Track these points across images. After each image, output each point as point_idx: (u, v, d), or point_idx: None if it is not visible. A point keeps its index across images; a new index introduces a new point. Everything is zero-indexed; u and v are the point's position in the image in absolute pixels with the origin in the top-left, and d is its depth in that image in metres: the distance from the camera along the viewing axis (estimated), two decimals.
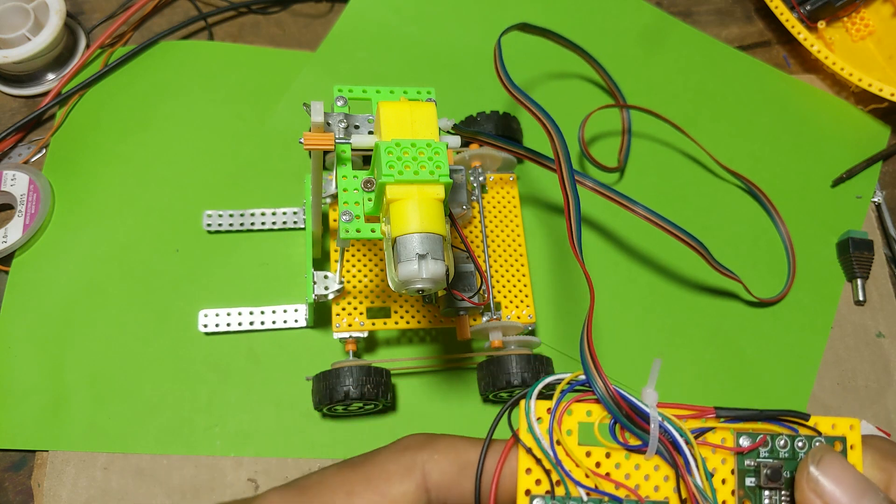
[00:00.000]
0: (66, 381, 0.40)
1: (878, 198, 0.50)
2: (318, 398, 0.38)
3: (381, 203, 0.30)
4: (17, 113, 0.48)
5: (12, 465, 0.39)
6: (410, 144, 0.29)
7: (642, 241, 0.47)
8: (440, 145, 0.29)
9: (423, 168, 0.29)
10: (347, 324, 0.39)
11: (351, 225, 0.30)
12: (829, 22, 0.54)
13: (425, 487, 0.24)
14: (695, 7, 0.57)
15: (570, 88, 0.53)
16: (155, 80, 0.50)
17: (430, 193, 0.29)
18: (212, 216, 0.45)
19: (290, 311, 0.43)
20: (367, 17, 0.53)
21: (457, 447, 0.24)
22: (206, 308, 0.42)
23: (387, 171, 0.28)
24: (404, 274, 0.28)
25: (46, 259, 0.44)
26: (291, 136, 0.48)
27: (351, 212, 0.30)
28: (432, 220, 0.29)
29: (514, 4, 0.55)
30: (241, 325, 0.42)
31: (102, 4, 0.53)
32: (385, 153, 0.29)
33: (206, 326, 0.42)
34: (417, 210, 0.28)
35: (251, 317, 0.42)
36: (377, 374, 0.38)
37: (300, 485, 0.24)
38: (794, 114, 0.53)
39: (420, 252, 0.28)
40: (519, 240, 0.43)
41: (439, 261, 0.28)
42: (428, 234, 0.28)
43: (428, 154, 0.29)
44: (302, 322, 0.42)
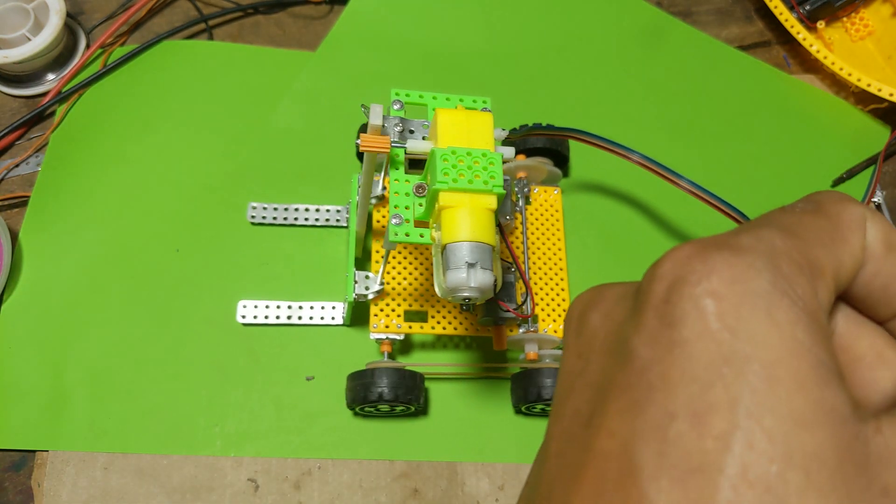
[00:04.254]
0: (66, 381, 0.40)
1: (878, 198, 0.50)
2: (351, 397, 0.38)
3: (433, 209, 0.30)
4: (17, 113, 0.48)
5: (12, 465, 0.39)
6: (466, 153, 0.29)
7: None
8: (495, 156, 0.30)
9: (477, 177, 0.29)
10: (385, 325, 0.39)
11: (400, 228, 0.30)
12: (828, 22, 0.54)
13: (861, 254, 0.19)
14: (695, 7, 0.57)
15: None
16: (155, 80, 0.50)
17: (482, 203, 0.29)
18: (256, 208, 0.45)
19: (327, 308, 0.43)
20: (367, 17, 0.53)
21: None
22: (245, 299, 0.43)
23: (441, 178, 0.29)
24: (452, 281, 0.28)
25: (46, 259, 0.44)
26: (291, 135, 0.48)
27: (401, 215, 0.30)
28: (483, 229, 0.29)
29: (514, 4, 0.55)
30: (279, 319, 0.42)
31: (102, 4, 0.53)
32: (441, 160, 0.29)
33: (244, 317, 0.42)
34: (469, 219, 0.29)
35: (289, 311, 0.42)
36: (411, 377, 0.38)
37: (727, 242, 0.17)
38: (794, 114, 0.53)
39: (469, 261, 0.28)
40: (560, 254, 0.43)
41: (488, 270, 0.28)
42: (478, 243, 0.28)
43: (483, 164, 0.29)
44: (339, 320, 0.42)
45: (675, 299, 0.16)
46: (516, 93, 0.52)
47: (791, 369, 0.15)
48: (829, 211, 0.18)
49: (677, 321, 0.16)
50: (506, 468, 0.40)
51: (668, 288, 0.16)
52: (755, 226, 0.17)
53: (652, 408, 0.15)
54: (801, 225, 0.18)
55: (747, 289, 0.16)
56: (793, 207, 0.19)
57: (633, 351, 0.16)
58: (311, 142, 0.48)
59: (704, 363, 0.15)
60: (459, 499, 0.39)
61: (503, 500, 0.39)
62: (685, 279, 0.16)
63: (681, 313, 0.16)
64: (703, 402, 0.15)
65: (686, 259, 0.16)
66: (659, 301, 0.16)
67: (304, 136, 0.49)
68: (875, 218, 0.19)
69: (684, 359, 0.16)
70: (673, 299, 0.16)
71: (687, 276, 0.16)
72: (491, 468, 0.40)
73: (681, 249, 0.17)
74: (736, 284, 0.16)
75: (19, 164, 0.46)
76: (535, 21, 0.55)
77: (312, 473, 0.39)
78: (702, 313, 0.16)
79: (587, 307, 0.20)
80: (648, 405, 0.16)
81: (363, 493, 0.39)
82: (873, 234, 0.19)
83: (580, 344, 0.19)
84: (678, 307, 0.16)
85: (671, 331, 0.16)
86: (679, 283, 0.16)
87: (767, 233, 0.17)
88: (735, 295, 0.16)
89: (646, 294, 0.17)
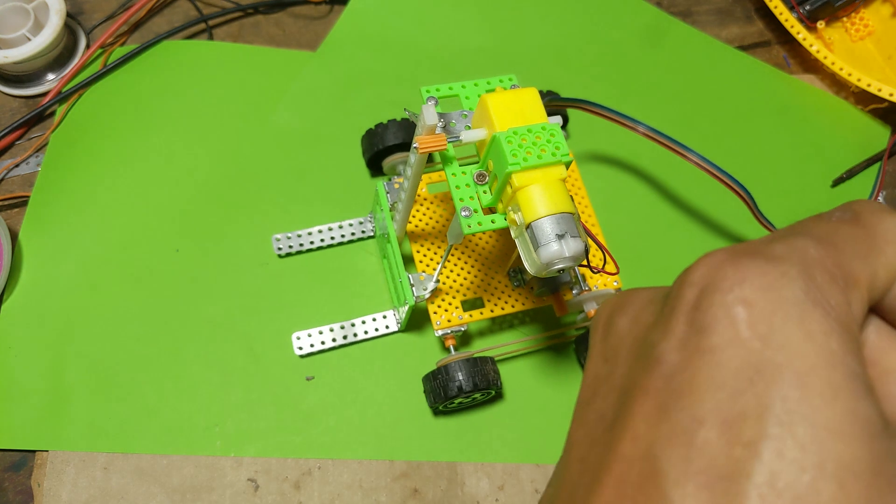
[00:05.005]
0: (66, 381, 0.40)
1: (879, 198, 0.50)
2: (432, 398, 0.39)
3: (505, 193, 0.30)
4: (16, 113, 0.48)
5: (12, 465, 0.39)
6: (527, 130, 0.30)
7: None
8: (554, 126, 0.30)
9: (543, 151, 0.29)
10: (447, 319, 0.40)
11: (472, 220, 0.31)
12: (828, 22, 0.54)
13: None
14: (695, 7, 0.57)
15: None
16: (155, 80, 0.50)
17: (553, 175, 0.29)
18: (280, 239, 0.44)
19: (378, 319, 0.43)
20: (367, 18, 0.53)
21: None
22: (300, 332, 0.42)
23: (512, 160, 0.29)
24: (547, 256, 0.29)
25: (46, 259, 0.44)
26: (292, 135, 0.48)
27: (469, 207, 0.31)
28: (562, 199, 0.29)
29: (514, 4, 0.55)
30: (336, 342, 0.42)
31: (102, 4, 0.53)
32: (506, 143, 0.29)
33: (300, 349, 0.41)
34: (546, 193, 0.29)
35: (342, 331, 0.42)
36: (483, 363, 0.38)
37: (760, 250, 0.17)
38: (794, 114, 0.53)
39: (558, 232, 0.29)
40: (589, 210, 0.43)
41: (577, 238, 0.29)
42: (561, 214, 0.29)
43: (545, 137, 0.30)
44: (393, 327, 0.42)
45: (706, 305, 0.16)
46: None
47: (825, 379, 0.15)
48: (866, 221, 0.18)
49: (707, 327, 0.16)
50: (506, 468, 0.40)
51: (699, 294, 0.16)
52: (789, 234, 0.17)
53: (679, 413, 0.15)
54: (837, 234, 0.18)
55: (780, 297, 0.15)
56: (829, 216, 0.19)
57: (660, 356, 0.16)
58: (311, 141, 0.48)
59: (734, 370, 0.15)
60: (459, 499, 0.39)
61: (503, 500, 0.39)
62: (717, 286, 0.16)
63: (711, 319, 0.16)
64: (733, 409, 0.15)
65: (718, 265, 0.16)
66: (689, 307, 0.16)
67: (304, 136, 0.48)
68: None
69: (713, 365, 0.15)
70: (703, 305, 0.16)
71: (719, 282, 0.16)
72: (491, 468, 0.40)
73: (713, 256, 0.17)
74: (768, 292, 0.16)
75: (19, 164, 0.46)
76: (535, 21, 0.55)
77: (312, 473, 0.39)
78: (733, 320, 0.15)
79: (615, 311, 0.19)
80: (675, 410, 0.15)
81: (363, 493, 0.39)
82: None
83: (607, 348, 0.19)
84: (709, 313, 0.16)
85: (700, 337, 0.16)
86: (710, 289, 0.16)
87: (802, 241, 0.17)
88: (767, 303, 0.15)
89: (676, 299, 0.17)
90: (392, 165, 0.45)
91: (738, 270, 0.16)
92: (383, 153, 0.44)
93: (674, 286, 0.17)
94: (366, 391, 0.41)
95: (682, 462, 0.15)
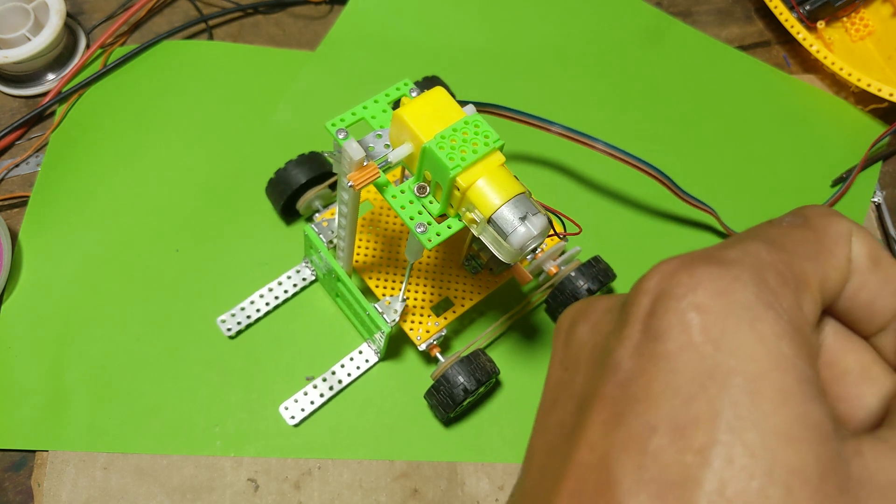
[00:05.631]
0: (66, 381, 0.40)
1: (878, 198, 0.50)
2: (441, 410, 0.38)
3: (454, 196, 0.30)
4: (16, 113, 0.48)
5: (12, 465, 0.39)
6: (452, 130, 0.29)
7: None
8: (475, 117, 0.30)
9: (476, 145, 0.29)
10: (425, 331, 0.39)
11: (429, 233, 0.30)
12: (828, 22, 0.54)
13: (847, 268, 0.19)
14: (695, 7, 0.57)
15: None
16: (155, 80, 0.50)
17: (493, 162, 0.29)
18: (226, 320, 0.42)
19: (356, 357, 0.41)
20: (367, 17, 0.53)
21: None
22: (286, 402, 0.40)
23: (451, 164, 0.29)
24: (518, 241, 0.29)
25: (46, 259, 0.44)
26: (291, 135, 0.48)
27: (422, 222, 0.30)
28: (510, 183, 0.29)
29: (514, 4, 0.55)
30: (325, 396, 0.40)
31: (102, 4, 0.53)
32: (438, 150, 0.29)
33: (293, 419, 0.40)
34: (494, 183, 0.29)
35: (326, 384, 0.40)
36: (475, 357, 0.38)
37: (713, 255, 0.17)
38: (794, 114, 0.53)
39: (520, 216, 0.29)
40: None
41: (538, 214, 0.29)
42: (516, 196, 0.29)
43: (471, 130, 0.29)
44: (373, 359, 0.41)
45: (661, 312, 0.16)
46: (516, 93, 0.52)
47: (775, 383, 0.15)
48: (816, 225, 0.18)
49: (662, 334, 0.16)
50: (506, 468, 0.40)
51: (653, 301, 0.16)
52: (742, 239, 0.17)
53: (633, 420, 0.15)
54: (788, 238, 0.18)
55: (732, 301, 0.16)
56: (780, 221, 0.19)
57: (617, 363, 0.16)
58: (311, 141, 0.48)
59: (688, 376, 0.15)
60: (459, 499, 0.39)
61: (503, 500, 0.39)
62: (671, 292, 0.16)
63: (665, 326, 0.16)
64: (685, 415, 0.15)
65: (672, 272, 0.16)
66: (644, 314, 0.16)
67: (304, 137, 0.48)
68: (861, 233, 0.19)
69: (667, 371, 0.15)
70: (658, 312, 0.16)
71: (672, 289, 0.16)
72: (491, 468, 0.40)
73: (668, 263, 0.17)
74: (721, 297, 0.16)
75: (19, 164, 0.46)
76: (536, 21, 0.55)
77: (312, 473, 0.39)
78: (686, 326, 0.16)
79: (576, 319, 0.20)
80: (630, 417, 0.15)
81: (363, 493, 0.39)
82: (859, 248, 0.19)
83: (567, 355, 0.19)
84: (663, 320, 0.16)
85: (655, 343, 0.16)
86: (664, 296, 0.16)
87: (754, 246, 0.17)
88: (720, 308, 0.15)
89: (631, 307, 0.17)
90: (307, 205, 0.43)
91: (691, 277, 0.16)
92: (295, 196, 0.42)
93: (630, 293, 0.17)
94: (364, 393, 0.41)
95: (635, 470, 0.15)
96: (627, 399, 0.16)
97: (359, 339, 0.42)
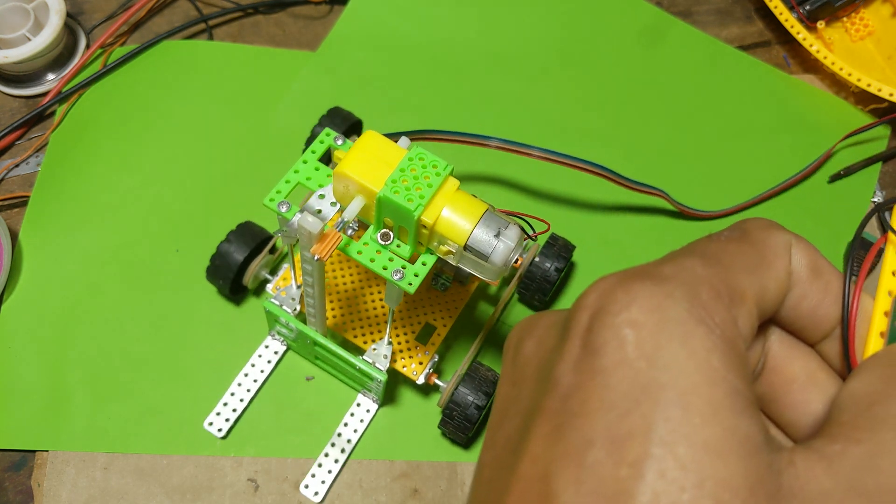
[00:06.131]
0: (66, 381, 0.40)
1: (878, 198, 0.50)
2: (462, 434, 0.38)
3: (422, 235, 0.29)
4: (16, 113, 0.48)
5: (12, 465, 0.39)
6: (400, 171, 0.29)
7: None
8: (417, 151, 0.29)
9: (427, 178, 0.29)
10: (418, 363, 0.39)
11: (407, 278, 0.30)
12: (828, 22, 0.54)
13: (787, 279, 0.19)
14: (695, 7, 0.57)
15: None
16: (155, 80, 0.50)
17: (450, 189, 0.29)
18: (213, 422, 0.39)
19: (356, 411, 0.40)
20: (367, 18, 0.53)
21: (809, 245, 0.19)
22: (304, 480, 0.38)
23: (411, 206, 0.28)
24: (500, 258, 0.29)
25: (46, 259, 0.44)
26: (291, 135, 0.48)
27: (397, 268, 0.30)
28: (473, 206, 0.29)
29: (514, 5, 0.55)
30: (339, 461, 0.39)
31: (102, 4, 0.53)
32: (394, 196, 0.28)
33: (317, 495, 0.38)
34: (458, 210, 0.29)
35: (335, 448, 0.39)
36: (475, 371, 0.38)
37: (649, 272, 0.17)
38: (794, 114, 0.53)
39: (493, 234, 0.29)
40: None
41: (511, 226, 0.29)
42: (482, 217, 0.29)
43: (418, 165, 0.29)
44: (374, 406, 0.40)
45: (598, 328, 0.16)
46: (516, 93, 0.52)
47: (705, 397, 0.15)
48: (754, 238, 0.19)
49: (598, 349, 0.16)
50: None
51: (591, 317, 0.17)
52: (680, 255, 0.18)
53: (572, 434, 0.16)
54: (725, 252, 0.18)
55: (665, 317, 0.16)
56: (719, 235, 0.19)
57: (557, 378, 0.17)
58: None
59: (623, 391, 0.15)
60: (459, 499, 0.39)
61: None
62: (607, 309, 0.17)
63: (602, 342, 0.16)
64: (620, 429, 0.15)
65: (609, 289, 0.17)
66: (583, 329, 0.17)
67: (303, 137, 0.49)
68: (800, 244, 0.19)
69: (603, 386, 0.16)
70: (595, 328, 0.17)
71: (609, 305, 0.17)
72: None
73: (606, 280, 0.17)
74: (654, 313, 0.16)
75: (19, 164, 0.46)
76: (535, 21, 0.55)
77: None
78: (621, 342, 0.16)
79: (523, 335, 0.20)
80: (569, 431, 0.16)
81: (363, 493, 0.39)
82: (798, 259, 0.19)
83: (515, 371, 0.20)
84: (599, 336, 0.16)
85: (593, 359, 0.16)
86: (601, 312, 0.17)
87: (689, 261, 0.17)
88: (653, 323, 0.16)
89: (571, 322, 0.17)
90: (254, 276, 0.41)
91: (627, 293, 0.16)
92: (239, 274, 0.40)
93: (571, 309, 0.18)
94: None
95: (573, 483, 0.15)
96: (567, 413, 0.16)
97: (351, 392, 0.41)
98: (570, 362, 0.17)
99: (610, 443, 0.15)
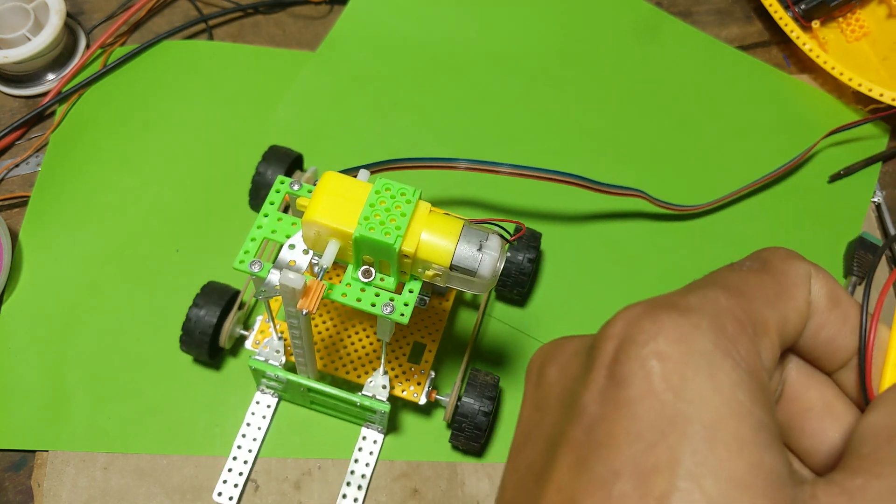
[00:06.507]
0: (66, 381, 0.40)
1: (878, 198, 0.50)
2: (475, 444, 0.38)
3: (404, 265, 0.29)
4: (16, 113, 0.48)
5: (12, 465, 0.39)
6: (370, 206, 0.28)
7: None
8: (382, 182, 0.29)
9: (398, 207, 0.28)
10: (416, 383, 0.39)
11: (398, 308, 0.29)
12: (823, 22, 0.54)
13: (807, 309, 0.19)
14: (695, 7, 0.57)
15: None
16: (155, 80, 0.50)
17: (423, 212, 0.29)
18: (222, 491, 0.38)
19: (363, 444, 0.40)
20: (367, 18, 0.53)
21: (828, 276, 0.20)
22: None
23: (390, 240, 0.28)
24: (488, 270, 0.29)
25: (46, 259, 0.44)
26: (291, 136, 0.48)
27: (387, 302, 0.29)
28: (451, 224, 0.29)
29: (513, 4, 0.55)
30: (361, 489, 0.38)
31: (102, 4, 0.53)
32: (370, 233, 0.28)
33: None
34: (436, 233, 0.28)
35: (352, 481, 0.39)
36: (474, 377, 0.38)
37: (675, 302, 0.17)
38: (794, 114, 0.53)
39: (476, 248, 0.29)
40: None
41: (490, 235, 0.29)
42: (462, 234, 0.29)
43: (386, 196, 0.29)
44: (380, 436, 0.40)
45: (624, 359, 0.16)
46: (515, 93, 0.52)
47: (731, 431, 0.15)
48: (775, 268, 0.19)
49: (625, 380, 0.16)
50: None
51: (617, 347, 0.17)
52: (703, 285, 0.18)
53: (598, 465, 0.16)
54: (747, 283, 0.18)
55: (691, 349, 0.16)
56: (740, 265, 0.19)
57: (583, 407, 0.17)
58: (311, 141, 0.48)
59: (649, 423, 0.16)
60: (459, 499, 0.39)
61: None
62: (633, 339, 0.17)
63: (628, 372, 0.16)
64: (646, 461, 0.15)
65: (636, 319, 0.17)
66: (609, 359, 0.17)
67: (304, 137, 0.49)
68: (819, 274, 0.19)
69: (630, 418, 0.16)
70: (621, 358, 0.17)
71: (636, 335, 0.17)
72: (491, 468, 0.40)
73: (632, 309, 0.17)
74: (680, 345, 0.16)
75: (19, 164, 0.46)
76: (535, 21, 0.55)
77: (312, 473, 0.39)
78: (648, 373, 0.16)
79: (546, 360, 0.20)
80: (594, 461, 0.16)
81: (363, 494, 0.39)
82: (818, 289, 0.19)
83: (538, 396, 0.20)
84: (626, 366, 0.16)
85: (619, 389, 0.16)
86: (628, 342, 0.17)
87: (713, 293, 0.17)
88: (679, 355, 0.16)
89: (597, 351, 0.17)
90: (230, 336, 0.40)
91: (654, 323, 0.17)
92: (216, 335, 0.39)
93: (596, 338, 0.18)
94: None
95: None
96: (592, 443, 0.16)
97: (353, 427, 0.40)
98: (596, 392, 0.17)
99: (636, 475, 0.15)
